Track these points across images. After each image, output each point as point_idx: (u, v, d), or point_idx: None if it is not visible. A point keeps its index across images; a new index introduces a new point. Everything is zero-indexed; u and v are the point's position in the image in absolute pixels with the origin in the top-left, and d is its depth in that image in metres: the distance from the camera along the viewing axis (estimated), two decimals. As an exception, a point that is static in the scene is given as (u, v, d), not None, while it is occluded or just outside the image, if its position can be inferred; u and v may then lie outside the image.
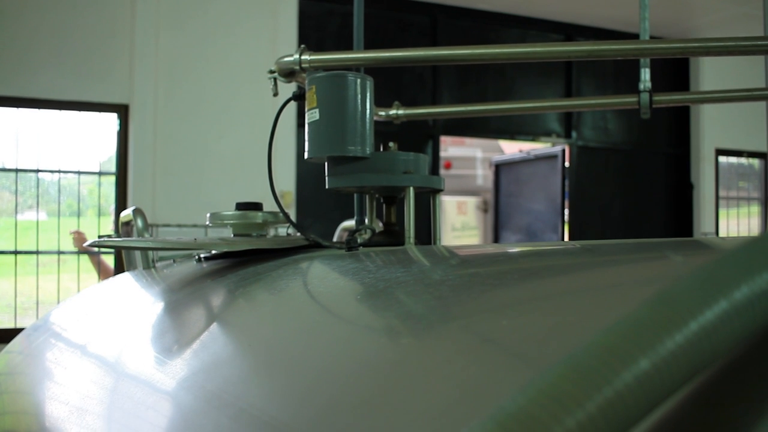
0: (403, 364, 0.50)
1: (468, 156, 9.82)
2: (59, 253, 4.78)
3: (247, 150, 4.93)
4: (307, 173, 5.21)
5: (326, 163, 1.30)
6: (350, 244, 1.17)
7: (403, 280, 0.72)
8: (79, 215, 4.91)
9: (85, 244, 1.38)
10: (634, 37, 1.89)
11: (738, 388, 0.32)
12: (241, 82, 5.04)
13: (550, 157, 6.55)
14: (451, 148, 9.55)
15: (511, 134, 6.77)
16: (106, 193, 5.00)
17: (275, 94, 1.51)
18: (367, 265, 0.90)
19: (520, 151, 7.05)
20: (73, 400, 0.94)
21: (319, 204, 5.03)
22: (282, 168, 4.93)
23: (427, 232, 1.34)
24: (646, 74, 1.83)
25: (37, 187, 4.90)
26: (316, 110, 1.27)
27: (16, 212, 4.87)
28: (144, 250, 1.65)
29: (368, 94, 1.28)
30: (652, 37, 1.91)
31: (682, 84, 7.15)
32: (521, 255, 0.87)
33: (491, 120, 6.54)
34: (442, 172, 8.62)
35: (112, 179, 4.94)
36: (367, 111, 1.27)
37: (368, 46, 1.37)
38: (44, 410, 1.02)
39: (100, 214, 4.84)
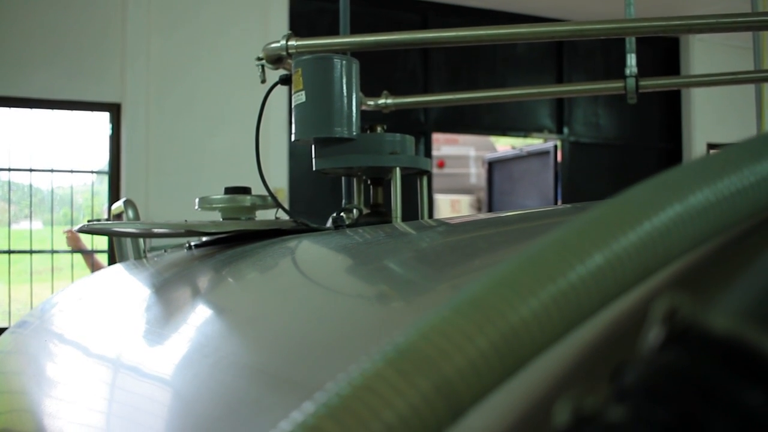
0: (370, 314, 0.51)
1: (461, 155, 9.82)
2: (53, 252, 4.78)
3: (239, 148, 4.93)
4: (299, 171, 5.21)
5: (313, 146, 1.31)
6: (337, 223, 1.18)
7: (384, 245, 0.74)
8: (72, 223, 4.91)
9: (75, 228, 1.38)
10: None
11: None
12: (233, 80, 5.05)
13: (542, 154, 6.57)
14: (444, 147, 9.56)
15: (503, 130, 6.79)
16: (99, 194, 5.00)
17: (263, 81, 1.51)
18: (352, 237, 0.91)
19: (513, 148, 7.06)
20: (65, 381, 0.95)
21: (312, 202, 5.03)
22: (274, 166, 4.93)
23: (414, 215, 1.35)
24: (632, 59, 1.84)
25: (30, 189, 4.90)
26: (303, 92, 1.27)
27: (10, 210, 4.87)
28: (134, 236, 1.65)
29: (354, 77, 1.28)
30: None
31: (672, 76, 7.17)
32: (500, 221, 0.88)
33: (483, 116, 6.56)
34: (436, 170, 8.62)
35: (106, 181, 4.93)
36: (353, 93, 1.28)
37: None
38: (38, 400, 1.03)
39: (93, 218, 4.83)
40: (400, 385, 0.24)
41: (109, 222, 1.48)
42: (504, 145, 8.59)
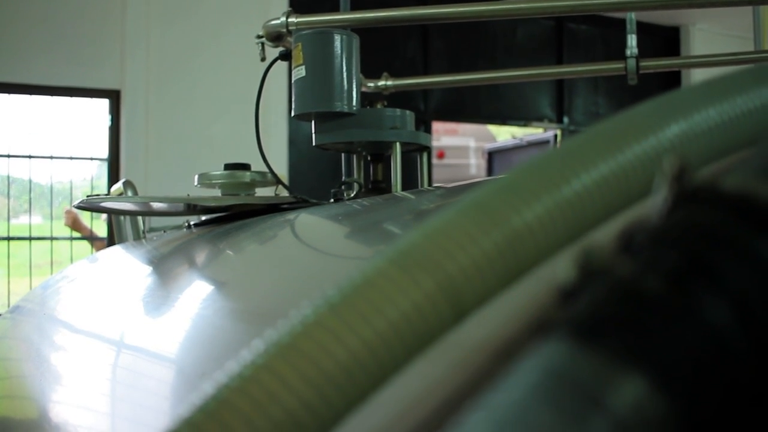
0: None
1: (461, 145, 9.80)
2: (52, 239, 4.78)
3: (239, 136, 4.91)
4: (299, 158, 5.21)
5: (313, 121, 1.31)
6: (337, 197, 1.18)
7: (381, 210, 0.74)
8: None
9: (73, 204, 1.38)
10: (622, 22, 1.90)
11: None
12: (234, 67, 5.03)
13: (542, 143, 6.56)
14: (444, 137, 9.54)
15: (503, 119, 6.78)
16: (98, 189, 4.99)
17: (263, 59, 1.50)
18: (350, 206, 0.91)
19: (513, 137, 7.05)
20: (63, 361, 0.94)
21: (312, 191, 5.01)
22: (274, 155, 4.92)
23: (414, 191, 1.34)
24: (632, 40, 1.84)
25: (30, 184, 4.89)
26: (303, 67, 1.27)
27: (9, 203, 4.87)
28: (132, 214, 1.65)
29: (354, 52, 1.28)
30: (639, 22, 1.91)
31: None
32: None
33: (483, 105, 6.54)
34: (436, 161, 8.61)
35: (105, 175, 4.93)
36: (353, 68, 1.27)
37: (359, 29, 1.38)
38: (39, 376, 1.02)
39: (92, 220, 4.81)
40: (403, 282, 0.23)
41: (107, 197, 1.47)
42: (504, 137, 8.59)
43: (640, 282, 0.17)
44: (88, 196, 1.31)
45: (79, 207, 1.34)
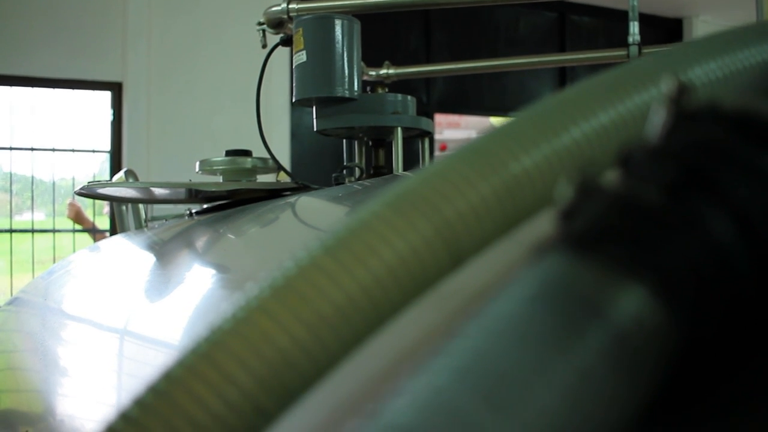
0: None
1: (463, 138, 9.80)
2: (54, 231, 4.78)
3: (241, 128, 4.90)
4: (302, 151, 5.20)
5: (314, 107, 1.30)
6: (338, 181, 1.17)
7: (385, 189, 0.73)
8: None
9: (75, 191, 1.38)
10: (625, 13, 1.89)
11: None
12: (236, 59, 5.02)
13: (544, 136, 6.53)
14: (446, 130, 9.52)
15: (505, 111, 6.76)
16: (101, 179, 4.99)
17: (264, 46, 1.50)
18: (351, 187, 0.91)
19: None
20: (64, 350, 0.94)
21: (314, 182, 5.01)
22: (277, 147, 4.90)
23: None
24: (635, 27, 1.83)
25: (32, 180, 4.90)
26: (303, 52, 1.26)
27: (11, 194, 4.87)
28: (134, 201, 1.65)
29: (355, 36, 1.28)
30: (642, 14, 1.90)
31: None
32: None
33: (485, 97, 6.53)
34: (438, 154, 8.60)
35: (108, 170, 4.93)
36: (354, 53, 1.27)
37: (361, 21, 1.38)
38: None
39: (95, 214, 4.81)
40: (399, 224, 0.23)
41: (108, 183, 1.47)
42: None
43: (638, 195, 0.16)
44: (89, 183, 1.30)
45: (80, 194, 1.34)
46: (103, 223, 4.71)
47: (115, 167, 4.90)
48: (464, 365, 0.14)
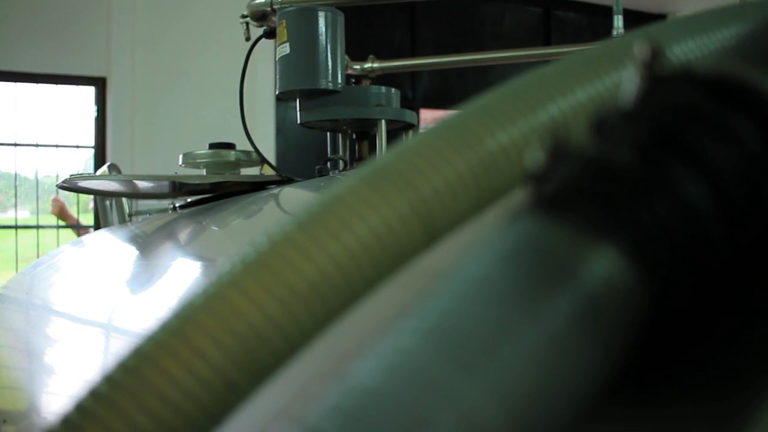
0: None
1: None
2: (38, 227, 4.75)
3: (226, 123, 4.87)
4: (287, 147, 5.19)
5: (298, 99, 1.30)
6: (322, 173, 1.17)
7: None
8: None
9: (57, 184, 1.37)
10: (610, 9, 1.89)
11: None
12: (220, 54, 5.00)
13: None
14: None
15: (491, 107, 6.76)
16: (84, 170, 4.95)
17: (247, 39, 1.49)
18: (335, 177, 0.91)
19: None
20: (46, 346, 0.94)
21: (299, 177, 4.99)
22: (262, 143, 4.89)
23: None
24: (619, 21, 1.84)
25: (15, 177, 4.86)
26: (287, 44, 1.26)
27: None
28: (117, 195, 1.64)
29: (339, 29, 1.27)
30: (626, 9, 1.91)
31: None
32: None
33: (471, 92, 6.46)
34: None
35: (92, 166, 4.90)
36: (338, 45, 1.26)
37: (346, 17, 1.37)
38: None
39: (79, 211, 4.78)
40: (373, 200, 0.23)
41: (91, 175, 1.46)
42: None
43: (610, 157, 0.16)
44: (71, 176, 1.29)
45: (62, 187, 1.33)
46: (88, 219, 4.69)
47: (99, 163, 4.87)
48: (432, 326, 0.14)
